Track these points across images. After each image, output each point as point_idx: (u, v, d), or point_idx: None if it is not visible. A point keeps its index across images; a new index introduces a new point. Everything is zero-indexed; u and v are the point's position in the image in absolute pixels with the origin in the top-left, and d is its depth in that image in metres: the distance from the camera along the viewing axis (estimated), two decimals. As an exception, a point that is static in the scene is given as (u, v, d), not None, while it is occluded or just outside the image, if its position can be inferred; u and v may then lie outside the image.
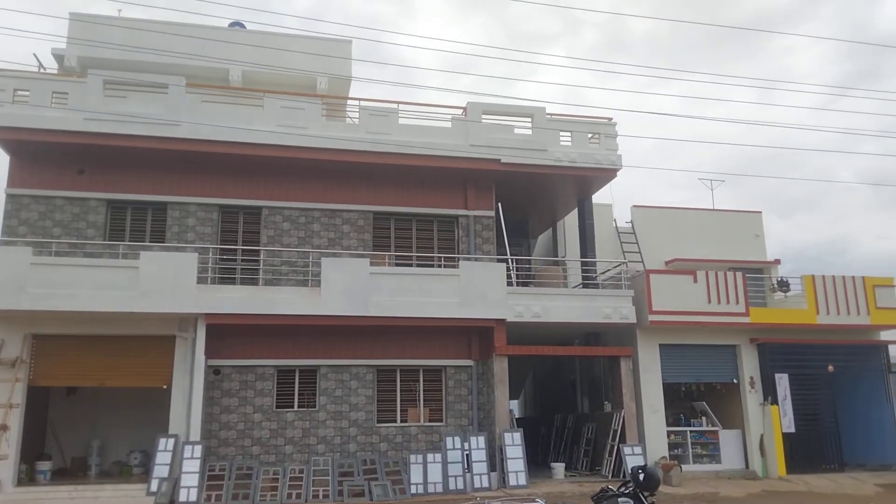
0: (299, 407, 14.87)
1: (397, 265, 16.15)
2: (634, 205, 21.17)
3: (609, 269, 18.42)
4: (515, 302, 15.51)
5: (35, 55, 16.36)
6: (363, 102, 16.26)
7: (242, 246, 15.62)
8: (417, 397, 15.59)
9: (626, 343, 16.67)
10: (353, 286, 14.51)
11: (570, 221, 19.78)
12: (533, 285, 17.09)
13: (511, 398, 17.13)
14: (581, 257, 18.11)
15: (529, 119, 16.85)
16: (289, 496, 13.33)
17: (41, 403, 14.96)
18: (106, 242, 14.93)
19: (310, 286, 14.92)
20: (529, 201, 18.56)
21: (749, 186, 52.22)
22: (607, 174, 17.18)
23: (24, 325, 13.75)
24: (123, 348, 14.20)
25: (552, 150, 16.66)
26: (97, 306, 13.39)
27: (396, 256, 16.41)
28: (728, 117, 44.60)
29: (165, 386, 14.15)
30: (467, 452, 14.42)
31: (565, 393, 20.14)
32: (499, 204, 17.02)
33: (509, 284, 15.73)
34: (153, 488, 12.95)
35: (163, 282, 13.66)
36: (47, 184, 15.01)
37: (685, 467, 15.81)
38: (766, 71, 57.60)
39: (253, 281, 15.38)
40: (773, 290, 19.15)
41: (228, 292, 14.25)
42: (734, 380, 17.29)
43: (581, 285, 18.05)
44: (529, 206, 19.02)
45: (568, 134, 17.10)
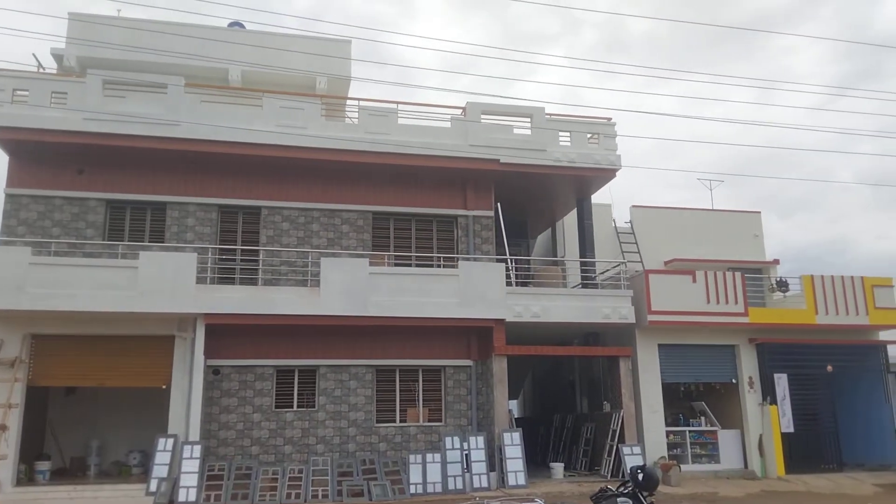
0: (298, 407, 14.87)
1: (396, 265, 16.15)
2: (633, 205, 21.26)
3: (608, 270, 18.44)
4: (514, 302, 15.51)
5: (34, 55, 16.38)
6: (362, 102, 16.26)
7: (242, 246, 15.61)
8: (417, 397, 15.59)
9: (625, 343, 16.68)
10: (353, 286, 14.51)
11: (570, 221, 19.78)
12: (532, 285, 17.08)
13: (510, 398, 17.14)
14: (580, 257, 18.11)
15: (528, 119, 16.86)
16: (288, 496, 13.33)
17: (40, 403, 14.95)
18: (105, 242, 14.93)
19: (309, 286, 14.92)
20: (529, 201, 18.56)
21: (748, 186, 52.31)
22: (606, 174, 17.19)
23: (24, 325, 13.75)
24: (122, 348, 14.20)
25: (551, 151, 16.67)
26: (96, 306, 13.39)
27: (395, 256, 16.40)
28: (727, 117, 44.58)
29: (165, 386, 14.15)
30: (466, 452, 14.42)
31: (564, 393, 20.14)
32: (498, 204, 17.03)
33: (508, 284, 15.74)
34: (152, 488, 12.95)
35: (162, 282, 13.66)
36: (46, 184, 15.01)
37: (684, 467, 15.83)
38: (765, 71, 57.70)
39: (252, 281, 15.38)
40: (772, 290, 19.17)
41: (227, 292, 14.25)
42: (733, 380, 17.31)
43: (580, 285, 18.06)
44: (529, 207, 19.02)
45: (567, 134, 17.12)
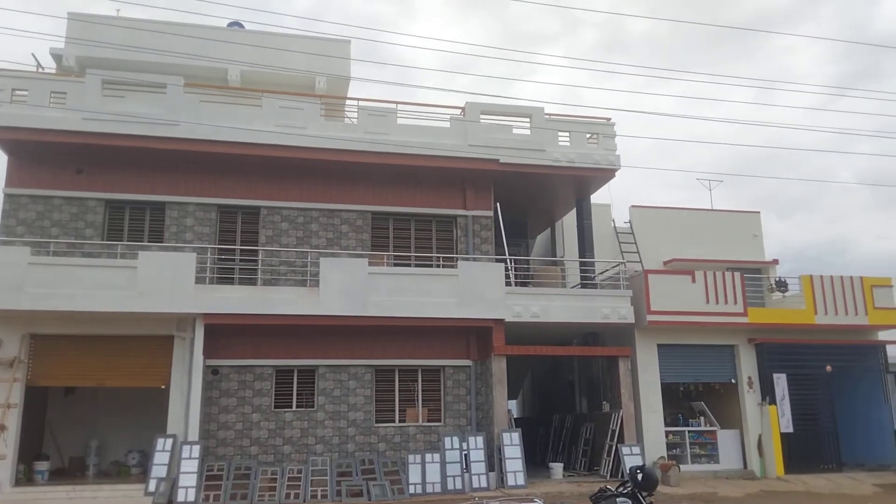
0: (298, 407, 14.86)
1: (396, 265, 16.15)
2: (633, 205, 21.26)
3: (607, 270, 18.44)
4: (514, 302, 15.51)
5: (33, 55, 16.34)
6: (362, 102, 16.26)
7: (241, 246, 15.60)
8: (416, 397, 15.58)
9: (625, 343, 16.68)
10: (352, 286, 14.51)
11: (569, 221, 19.77)
12: (531, 285, 17.08)
13: (509, 398, 17.14)
14: (579, 257, 18.10)
15: (528, 119, 16.85)
16: (287, 496, 13.32)
17: (39, 403, 14.95)
18: (104, 242, 14.92)
19: (308, 286, 14.91)
20: (528, 201, 18.56)
21: (747, 186, 52.32)
22: (605, 174, 17.19)
23: (23, 325, 13.73)
24: (122, 348, 14.19)
25: (550, 150, 16.67)
26: (95, 306, 13.38)
27: (395, 256, 16.40)
28: (726, 117, 44.61)
29: (164, 386, 14.14)
30: (466, 452, 14.41)
31: (563, 393, 20.14)
32: (497, 204, 17.03)
33: (508, 284, 15.73)
34: (151, 488, 12.94)
35: (161, 282, 13.65)
36: (45, 183, 15.00)
37: (683, 467, 15.83)
38: (765, 71, 57.72)
39: (251, 281, 15.37)
40: (772, 290, 19.17)
41: (227, 292, 14.24)
42: (732, 380, 17.31)
43: (579, 285, 18.06)
44: (528, 206, 19.01)
45: (566, 134, 17.11)
